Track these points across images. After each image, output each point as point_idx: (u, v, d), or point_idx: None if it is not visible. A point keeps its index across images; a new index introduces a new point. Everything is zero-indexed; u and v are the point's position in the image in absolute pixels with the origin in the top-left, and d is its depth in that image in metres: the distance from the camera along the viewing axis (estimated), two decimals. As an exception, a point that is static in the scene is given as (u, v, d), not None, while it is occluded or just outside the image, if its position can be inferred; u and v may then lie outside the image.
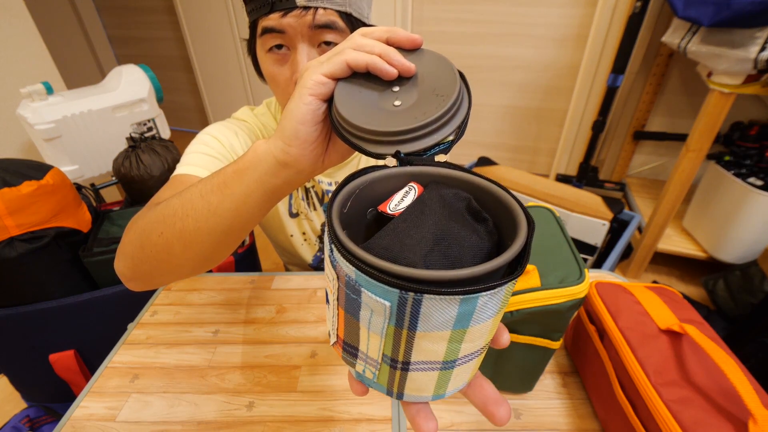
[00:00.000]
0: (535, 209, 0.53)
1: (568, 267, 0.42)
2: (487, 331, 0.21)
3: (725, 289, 1.37)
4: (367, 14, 0.55)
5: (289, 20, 0.48)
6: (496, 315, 0.20)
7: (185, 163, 0.54)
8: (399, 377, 0.23)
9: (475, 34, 1.99)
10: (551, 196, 1.15)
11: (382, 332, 0.20)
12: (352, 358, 0.24)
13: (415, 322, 0.19)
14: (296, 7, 0.47)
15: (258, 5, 0.49)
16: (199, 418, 0.49)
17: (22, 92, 1.09)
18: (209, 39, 2.44)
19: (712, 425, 0.34)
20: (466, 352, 0.21)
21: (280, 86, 0.53)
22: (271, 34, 0.49)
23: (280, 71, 0.52)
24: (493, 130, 2.25)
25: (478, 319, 0.19)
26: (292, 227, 0.72)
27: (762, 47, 1.02)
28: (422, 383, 0.23)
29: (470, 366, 0.23)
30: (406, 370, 0.22)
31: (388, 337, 0.21)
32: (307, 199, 0.70)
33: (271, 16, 0.48)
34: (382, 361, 0.22)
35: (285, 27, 0.48)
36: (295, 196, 0.70)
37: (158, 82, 1.31)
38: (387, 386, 0.24)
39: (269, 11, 0.48)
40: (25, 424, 0.83)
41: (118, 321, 0.66)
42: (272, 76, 0.53)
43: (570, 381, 0.53)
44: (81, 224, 0.85)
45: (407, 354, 0.21)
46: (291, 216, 0.71)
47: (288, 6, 0.47)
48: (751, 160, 1.40)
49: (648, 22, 1.68)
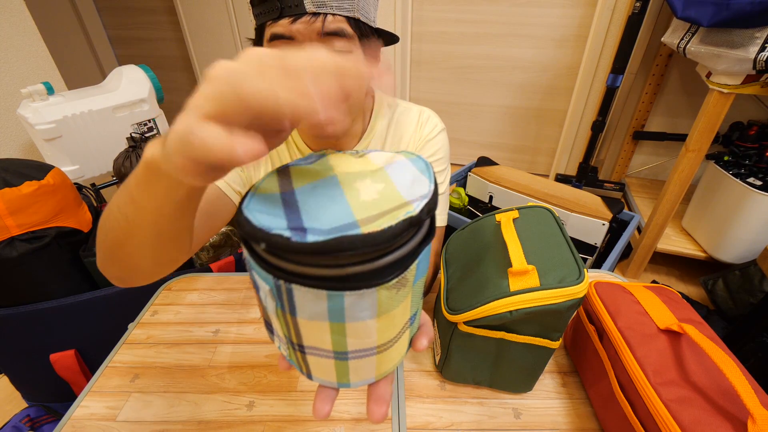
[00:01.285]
0: (534, 209, 0.53)
1: (567, 267, 0.43)
2: (373, 331, 0.21)
3: (724, 289, 1.37)
4: (373, 17, 0.55)
5: (299, 27, 0.48)
6: (380, 317, 0.21)
7: None
8: (302, 359, 0.24)
9: (475, 34, 1.99)
10: (551, 196, 1.15)
11: (275, 313, 0.22)
12: (271, 334, 0.25)
13: (293, 308, 0.20)
14: (305, 13, 0.47)
15: (266, 10, 0.48)
16: (199, 417, 0.49)
17: (23, 92, 1.09)
18: (209, 39, 2.44)
19: (711, 425, 0.34)
20: (356, 347, 0.22)
21: None
22: (281, 40, 0.49)
23: None
24: (492, 130, 2.25)
25: (353, 317, 0.20)
26: None
27: (761, 47, 1.02)
28: (323, 368, 0.24)
29: (371, 362, 0.23)
30: (303, 353, 0.23)
31: (280, 319, 0.22)
32: None
33: (281, 22, 0.48)
34: (287, 341, 0.23)
35: (294, 34, 0.48)
36: None
37: (159, 83, 1.31)
38: (297, 364, 0.25)
39: (278, 17, 0.48)
40: (25, 424, 0.83)
41: (119, 321, 0.66)
42: None
43: (569, 381, 0.53)
44: (81, 224, 0.85)
45: (299, 337, 0.22)
46: None
47: (297, 12, 0.47)
48: (750, 161, 1.40)
49: (648, 22, 1.68)
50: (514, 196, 1.21)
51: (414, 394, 0.51)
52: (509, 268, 0.44)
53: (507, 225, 0.50)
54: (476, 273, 0.48)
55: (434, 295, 0.67)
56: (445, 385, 0.53)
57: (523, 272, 0.43)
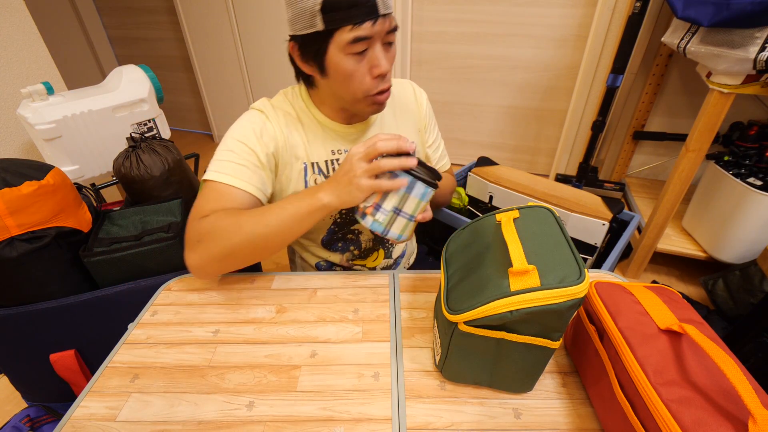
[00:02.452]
0: (534, 209, 0.53)
1: (567, 267, 0.42)
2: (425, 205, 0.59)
3: (725, 289, 1.37)
4: None
5: (377, 28, 0.59)
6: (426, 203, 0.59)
7: (219, 171, 0.65)
8: (393, 219, 0.58)
9: (475, 34, 1.99)
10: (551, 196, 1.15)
11: (400, 195, 0.57)
12: (375, 212, 0.57)
13: (411, 190, 0.56)
14: (380, 16, 0.58)
15: (348, 16, 0.57)
16: (199, 417, 0.49)
17: (23, 92, 1.09)
18: (209, 39, 2.44)
19: (711, 425, 0.34)
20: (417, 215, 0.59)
21: (356, 79, 0.63)
22: (362, 41, 0.59)
23: (360, 68, 0.62)
24: (493, 130, 2.25)
25: (426, 199, 0.58)
26: None
27: (761, 47, 1.02)
28: (399, 226, 0.58)
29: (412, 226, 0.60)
30: (399, 215, 0.57)
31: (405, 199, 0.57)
32: (327, 173, 0.74)
33: (363, 26, 0.57)
34: (393, 211, 0.57)
35: (374, 34, 0.59)
36: (311, 174, 0.73)
37: (158, 82, 1.32)
38: (385, 226, 0.58)
39: (362, 21, 0.57)
40: (25, 424, 0.83)
41: (119, 321, 0.66)
42: (351, 73, 0.62)
43: (569, 381, 0.53)
44: (81, 224, 0.85)
45: (402, 205, 0.57)
46: None
47: (375, 16, 0.58)
48: (750, 161, 1.40)
49: (648, 22, 1.68)
50: (514, 196, 1.21)
51: (414, 394, 0.51)
52: (510, 267, 0.43)
53: (507, 225, 0.50)
54: (476, 273, 0.48)
55: (434, 294, 0.67)
56: (445, 385, 0.53)
57: (524, 272, 0.43)
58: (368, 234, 0.83)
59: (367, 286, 0.70)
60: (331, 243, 0.82)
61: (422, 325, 0.62)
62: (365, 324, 0.62)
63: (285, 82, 0.80)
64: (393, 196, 0.56)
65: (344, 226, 0.81)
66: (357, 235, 0.82)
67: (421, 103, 0.85)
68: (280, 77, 2.38)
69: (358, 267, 0.86)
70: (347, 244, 0.82)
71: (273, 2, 2.18)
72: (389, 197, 0.57)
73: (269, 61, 2.40)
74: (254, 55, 2.40)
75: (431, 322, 0.62)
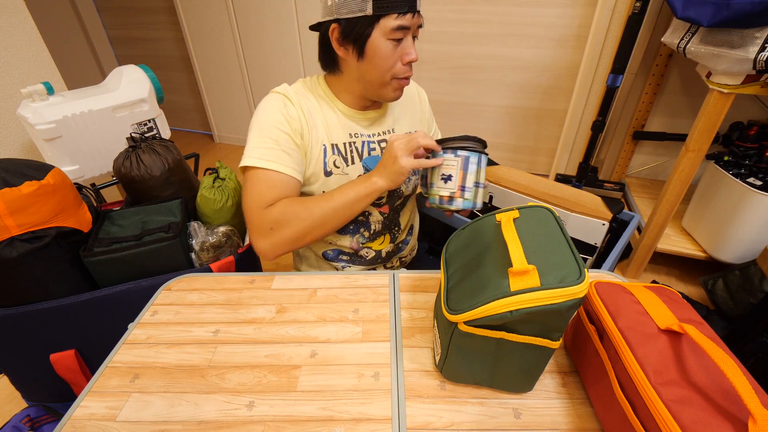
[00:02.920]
0: (534, 209, 0.53)
1: (567, 267, 0.42)
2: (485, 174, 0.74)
3: (724, 289, 1.37)
4: None
5: (416, 20, 0.69)
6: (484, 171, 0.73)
7: (265, 158, 0.71)
8: (479, 193, 0.72)
9: (475, 34, 1.99)
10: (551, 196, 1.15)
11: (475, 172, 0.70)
12: (462, 192, 0.70)
13: (480, 163, 0.71)
14: (417, 11, 0.69)
15: (397, 4, 0.65)
16: (199, 417, 0.49)
17: (23, 92, 1.09)
18: (209, 39, 2.44)
19: (711, 425, 0.34)
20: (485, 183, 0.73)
21: (391, 63, 0.71)
22: (403, 30, 0.68)
23: (395, 53, 0.70)
24: (493, 130, 2.25)
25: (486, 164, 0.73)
26: (327, 185, 0.79)
27: (761, 47, 1.02)
28: (480, 196, 0.72)
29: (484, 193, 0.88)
30: (479, 188, 0.72)
31: (478, 173, 0.71)
32: (345, 155, 0.80)
33: (407, 16, 0.67)
34: (474, 186, 0.71)
35: (411, 24, 0.69)
36: (330, 155, 0.78)
37: (158, 83, 1.31)
38: (473, 201, 0.71)
39: (406, 11, 0.66)
40: (25, 424, 0.83)
41: (119, 321, 0.66)
42: (388, 56, 0.70)
43: (569, 381, 0.53)
44: (82, 224, 0.85)
45: (480, 179, 0.71)
46: (326, 175, 0.79)
47: (415, 10, 0.68)
48: (750, 161, 1.40)
49: (648, 22, 1.68)
50: (514, 196, 1.21)
51: (414, 394, 0.51)
52: (510, 267, 0.44)
53: (507, 225, 0.50)
54: (476, 273, 0.48)
55: (434, 294, 0.67)
56: (445, 385, 0.53)
57: (524, 272, 0.43)
58: (378, 216, 0.87)
59: (367, 286, 0.70)
60: (344, 226, 0.85)
61: (422, 325, 0.62)
62: (365, 324, 0.62)
63: (285, 81, 0.80)
64: (470, 175, 0.70)
65: None
66: (367, 217, 0.86)
67: (423, 99, 0.96)
68: (281, 77, 2.39)
69: (365, 250, 0.89)
70: (358, 226, 0.86)
71: (273, 2, 2.18)
72: (468, 177, 0.70)
73: (269, 61, 2.40)
74: (254, 55, 2.40)
75: (431, 322, 0.62)
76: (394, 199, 0.88)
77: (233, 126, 2.78)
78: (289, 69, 2.37)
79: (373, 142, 0.83)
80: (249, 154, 0.72)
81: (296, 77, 2.96)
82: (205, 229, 0.94)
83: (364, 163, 0.81)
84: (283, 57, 2.34)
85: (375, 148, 0.83)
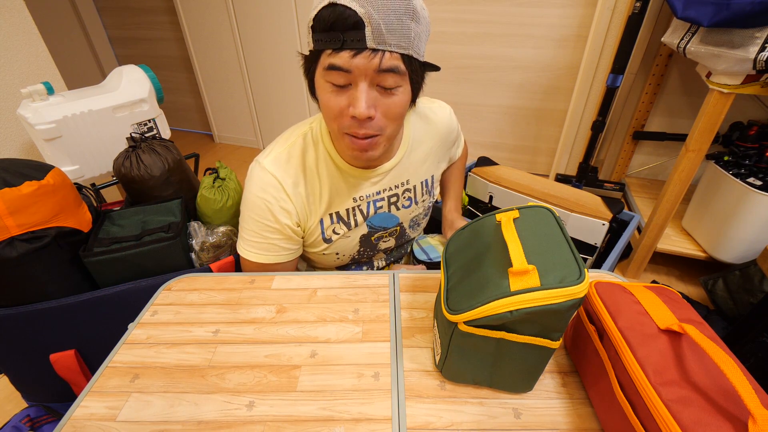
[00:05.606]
0: (534, 209, 0.53)
1: (567, 267, 0.42)
2: None
3: (724, 289, 1.37)
4: (422, 52, 0.56)
5: (358, 62, 0.49)
6: None
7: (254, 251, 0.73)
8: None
9: (475, 34, 1.99)
10: (551, 196, 1.15)
11: None
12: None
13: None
14: (366, 48, 0.48)
15: (329, 39, 0.49)
16: (199, 417, 0.49)
17: (23, 92, 1.09)
18: (209, 39, 2.44)
19: (711, 425, 0.34)
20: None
21: (333, 113, 0.56)
22: (339, 71, 0.51)
23: (336, 101, 0.55)
24: (493, 130, 2.25)
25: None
26: (330, 248, 0.78)
27: (761, 47, 1.02)
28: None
29: None
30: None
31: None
32: (348, 220, 0.75)
33: (341, 54, 0.49)
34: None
35: (353, 68, 0.50)
36: (328, 226, 0.74)
37: (158, 83, 1.31)
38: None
39: (340, 48, 0.49)
40: (25, 424, 0.83)
41: (119, 321, 0.66)
42: (328, 105, 0.56)
43: (569, 381, 0.53)
44: (82, 224, 0.85)
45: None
46: (326, 242, 0.77)
47: (359, 47, 0.48)
48: (750, 161, 1.40)
49: (648, 22, 1.68)
50: (514, 196, 1.21)
51: (414, 394, 0.51)
52: (510, 267, 0.43)
53: (507, 225, 0.50)
54: (476, 273, 0.48)
55: (434, 294, 0.67)
56: (445, 385, 0.53)
57: (524, 272, 0.43)
58: (381, 259, 0.89)
59: (367, 286, 0.70)
60: (347, 268, 0.87)
61: (422, 325, 0.62)
62: (365, 324, 0.62)
63: (285, 81, 0.80)
64: None
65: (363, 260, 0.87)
66: (370, 258, 0.87)
67: (453, 126, 0.84)
68: (280, 77, 2.38)
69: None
70: (360, 266, 0.88)
71: (273, 2, 2.18)
72: None
73: (269, 61, 2.40)
74: (254, 55, 2.40)
75: (431, 322, 0.62)
76: (401, 239, 0.88)
77: (233, 126, 2.78)
78: (288, 69, 2.38)
79: (381, 200, 0.75)
80: (241, 242, 0.74)
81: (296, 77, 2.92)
82: (205, 229, 0.94)
83: (368, 223, 0.77)
84: (283, 57, 2.34)
85: (382, 206, 0.76)
